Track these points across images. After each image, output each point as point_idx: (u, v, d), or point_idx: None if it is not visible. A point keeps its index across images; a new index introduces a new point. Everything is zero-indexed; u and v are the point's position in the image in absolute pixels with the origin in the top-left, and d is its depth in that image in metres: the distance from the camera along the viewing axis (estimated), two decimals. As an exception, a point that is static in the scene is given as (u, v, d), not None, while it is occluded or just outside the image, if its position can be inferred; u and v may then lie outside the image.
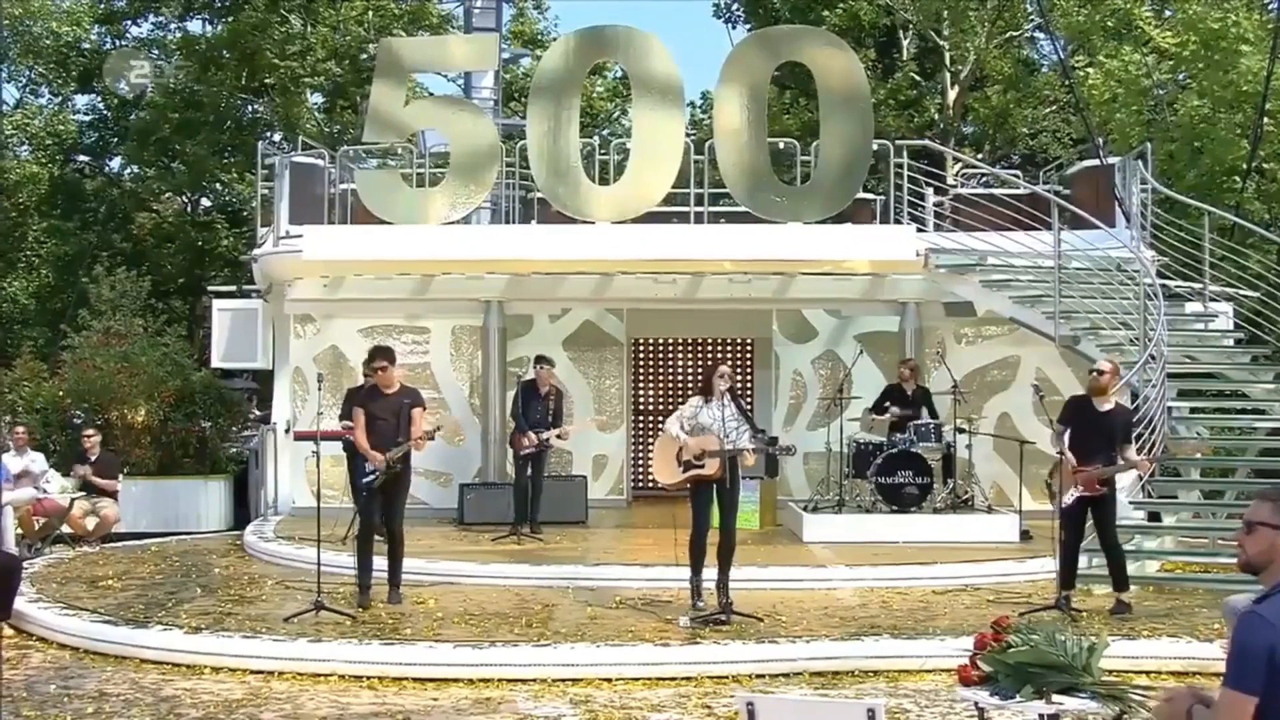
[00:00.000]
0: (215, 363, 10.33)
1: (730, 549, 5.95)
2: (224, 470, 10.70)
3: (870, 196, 10.43)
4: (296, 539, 8.30)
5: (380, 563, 6.30)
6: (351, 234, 9.08)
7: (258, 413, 12.18)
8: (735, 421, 5.76)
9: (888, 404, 8.70)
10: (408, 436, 5.91)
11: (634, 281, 9.35)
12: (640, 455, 10.90)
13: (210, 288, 11.61)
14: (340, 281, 9.81)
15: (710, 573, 5.98)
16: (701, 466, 5.74)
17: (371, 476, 5.92)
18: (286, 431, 10.00)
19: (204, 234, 17.26)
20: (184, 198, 18.40)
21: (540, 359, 8.51)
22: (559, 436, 8.36)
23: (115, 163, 19.26)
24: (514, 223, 9.89)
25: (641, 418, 11.30)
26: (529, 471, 8.37)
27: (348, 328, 10.26)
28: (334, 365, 10.21)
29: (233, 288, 11.11)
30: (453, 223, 8.96)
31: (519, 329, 10.42)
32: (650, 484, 10.54)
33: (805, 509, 8.40)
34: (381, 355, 6.07)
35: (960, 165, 13.03)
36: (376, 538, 6.25)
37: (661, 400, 11.21)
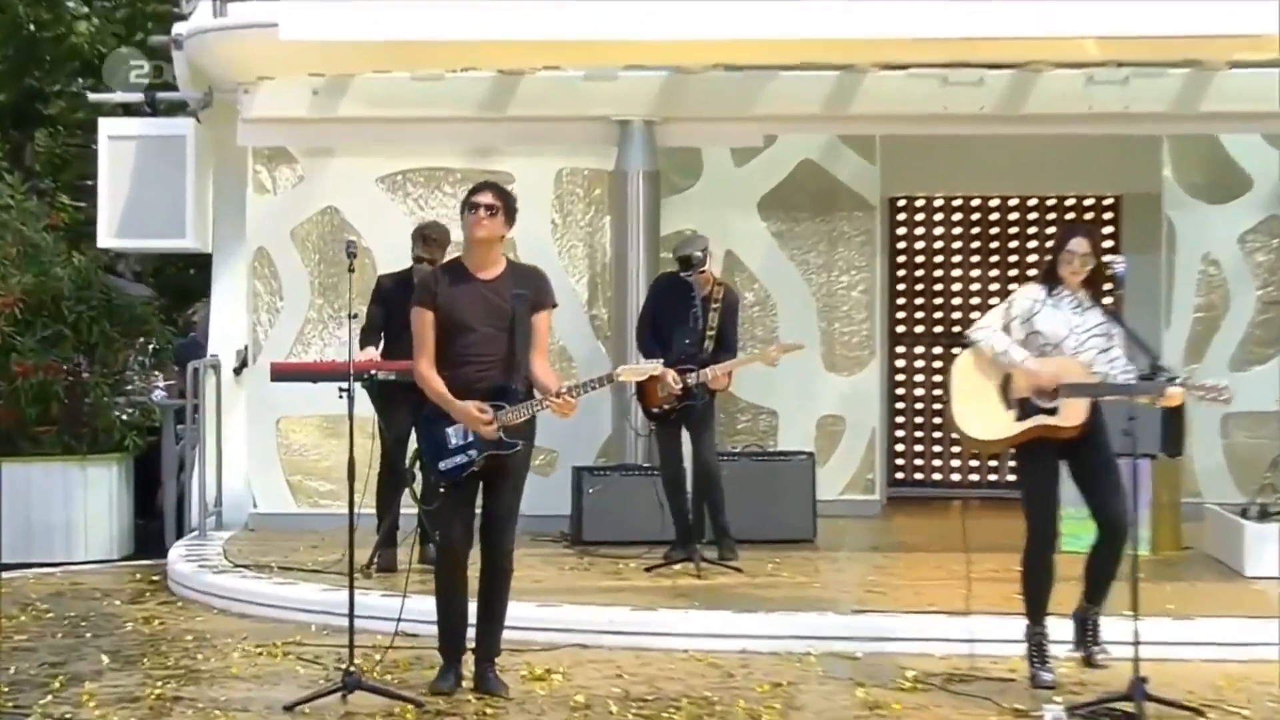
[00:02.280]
0: (105, 240, 9.63)
1: (1112, 566, 5.65)
2: (117, 447, 9.81)
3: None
4: (274, 568, 7.90)
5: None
6: (368, -3, 8.40)
7: (176, 337, 11.36)
8: (1100, 333, 5.51)
9: None
10: (521, 374, 5.20)
11: (898, 85, 8.87)
12: (906, 419, 10.94)
13: (94, 97, 10.50)
14: (344, 85, 9.15)
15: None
16: (1050, 411, 5.42)
17: (463, 458, 5.22)
18: (239, 371, 9.65)
19: (36, 8, 14.52)
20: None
21: (688, 253, 7.83)
22: (714, 379, 7.74)
23: None
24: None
25: (906, 349, 11.16)
26: (684, 443, 7.97)
27: (355, 174, 9.63)
28: (327, 243, 9.64)
29: (132, 96, 10.05)
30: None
31: (681, 176, 9.83)
32: (925, 471, 11.03)
33: (1245, 515, 7.93)
34: (485, 193, 5.40)
35: None
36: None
37: (943, 316, 11.08)
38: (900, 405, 11.11)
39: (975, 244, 11.16)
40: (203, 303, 11.59)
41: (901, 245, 11.15)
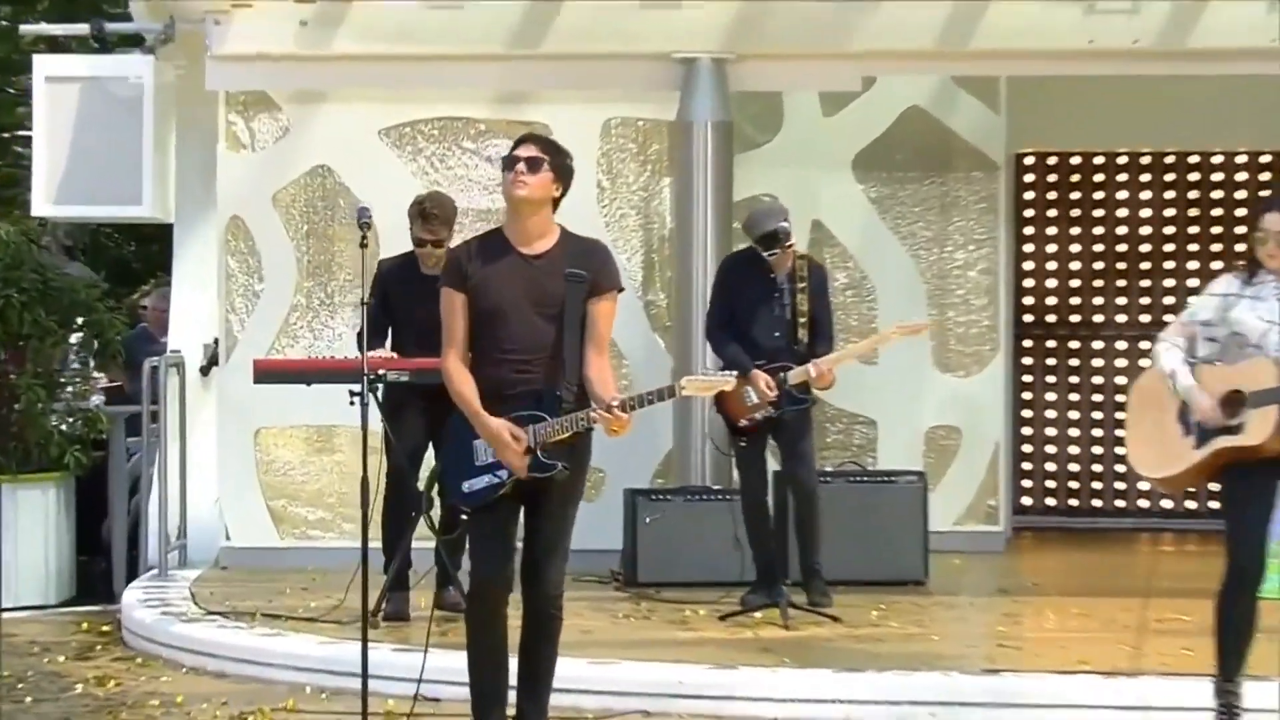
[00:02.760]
0: (41, 208, 9.45)
1: None
2: (54, 466, 9.35)
3: None
4: (256, 616, 7.92)
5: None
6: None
7: (127, 329, 10.87)
8: None
9: None
10: (572, 376, 5.30)
11: (1030, 14, 8.73)
12: (1035, 431, 10.92)
13: (26, 29, 10.66)
14: (339, 14, 8.99)
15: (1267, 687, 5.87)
16: (1233, 430, 5.54)
17: (491, 478, 5.33)
18: (207, 370, 9.72)
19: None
20: None
21: (773, 229, 7.82)
22: (820, 376, 7.81)
23: None
24: None
25: (1036, 344, 11.00)
26: (770, 461, 8.18)
27: (353, 125, 9.61)
28: (318, 212, 9.58)
29: (75, 29, 10.11)
30: None
31: (758, 128, 9.70)
32: (1059, 496, 11.06)
33: None
34: (528, 144, 5.55)
35: None
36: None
37: (1082, 302, 10.99)
38: (1028, 414, 10.97)
39: (1123, 211, 10.97)
40: (153, 285, 11.82)
41: (1030, 213, 11.01)
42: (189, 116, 9.57)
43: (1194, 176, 10.98)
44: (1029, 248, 11.05)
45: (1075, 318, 10.96)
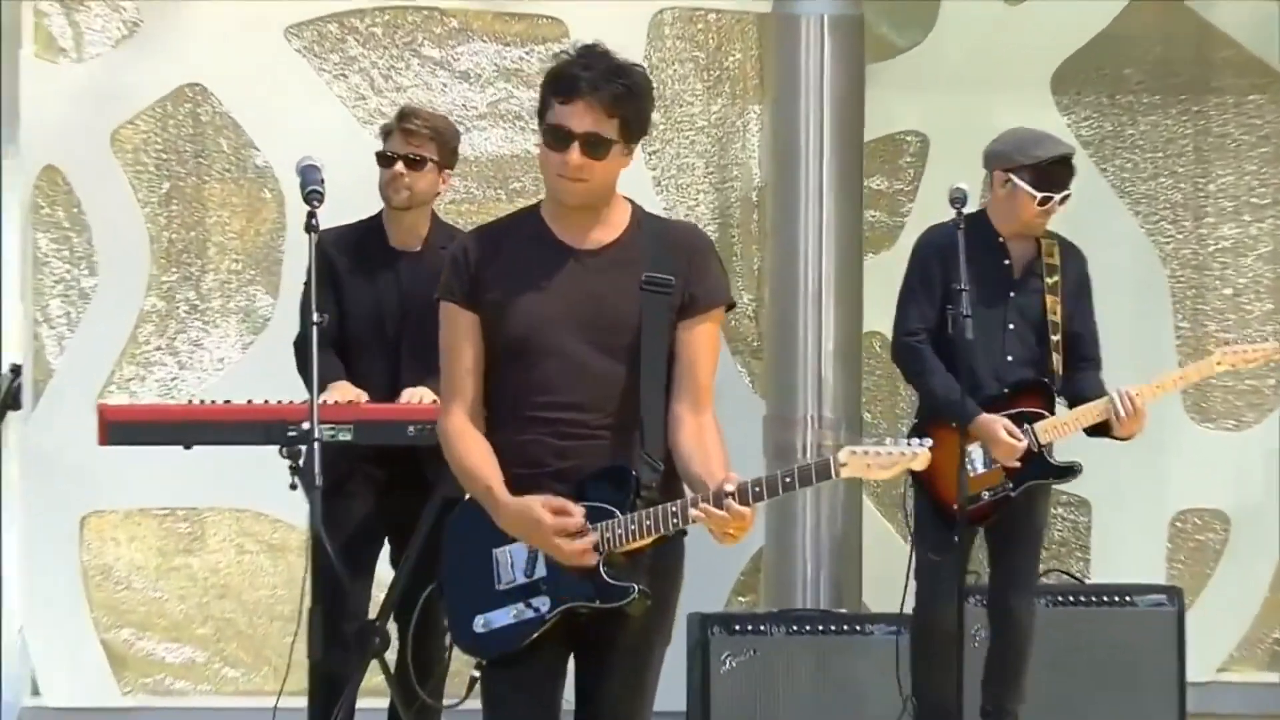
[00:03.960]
0: None
1: None
2: None
3: None
4: None
5: None
6: None
7: None
8: None
9: None
10: (655, 444, 5.02)
11: None
12: None
13: None
14: None
15: None
16: None
17: (522, 611, 5.01)
18: (0, 415, 9.09)
19: None
20: None
21: (1054, 151, 7.68)
22: (1128, 417, 7.59)
23: None
24: None
25: None
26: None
27: (242, 22, 9.05)
28: (186, 160, 9.06)
29: None
30: None
31: (898, 23, 9.23)
32: None
33: None
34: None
35: None
36: None
37: None
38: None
39: None
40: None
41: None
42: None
43: None
44: None
45: None
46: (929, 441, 4.76)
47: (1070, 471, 7.44)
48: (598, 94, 4.73)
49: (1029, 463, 7.22)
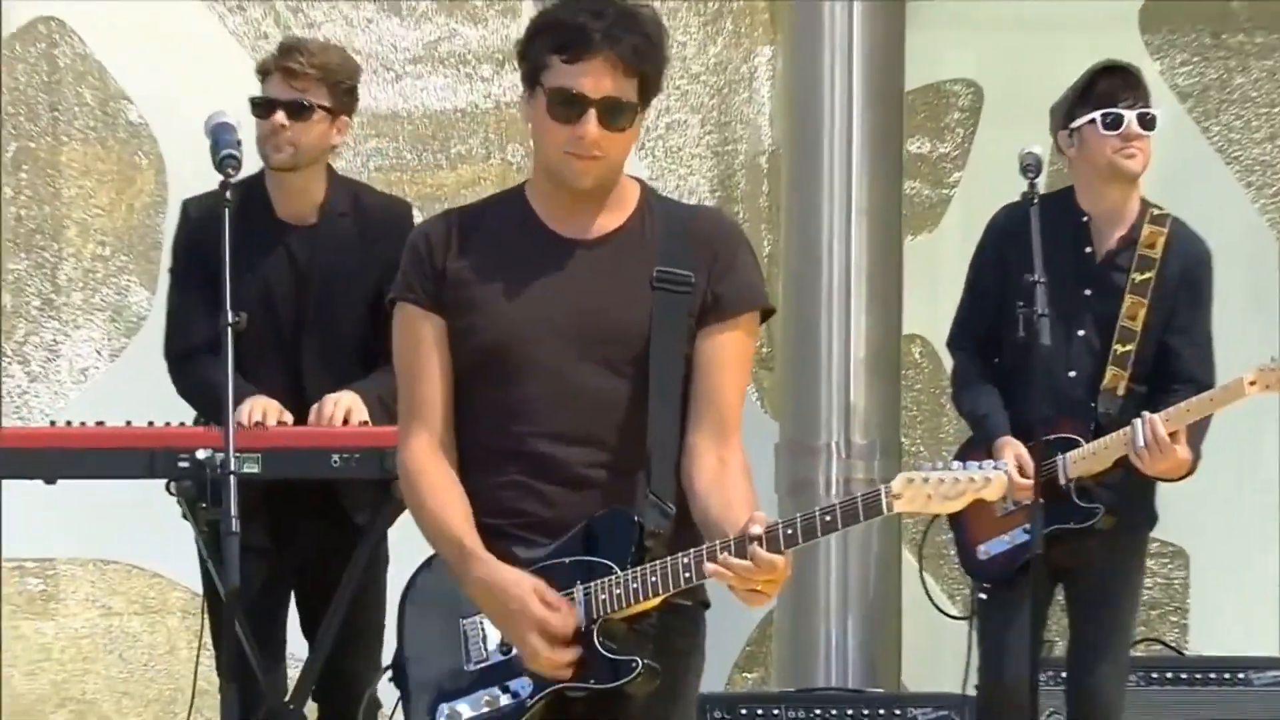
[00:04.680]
0: None
1: None
2: None
3: None
4: None
5: None
6: None
7: None
8: None
9: None
10: (665, 483, 4.75)
11: None
12: None
13: None
14: None
15: None
16: None
17: (497, 696, 4.75)
18: None
19: None
20: None
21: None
22: (1147, 446, 7.31)
23: None
24: None
25: None
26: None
27: None
28: (38, 116, 9.15)
29: None
30: None
31: None
32: None
33: None
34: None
35: None
36: None
37: None
38: None
39: None
40: None
41: None
42: None
43: None
44: None
45: None
46: (1006, 463, 4.82)
47: (1091, 514, 6.97)
48: (616, 48, 4.42)
49: (1053, 502, 6.86)
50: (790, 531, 4.13)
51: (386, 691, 5.18)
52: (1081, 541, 7.02)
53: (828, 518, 4.19)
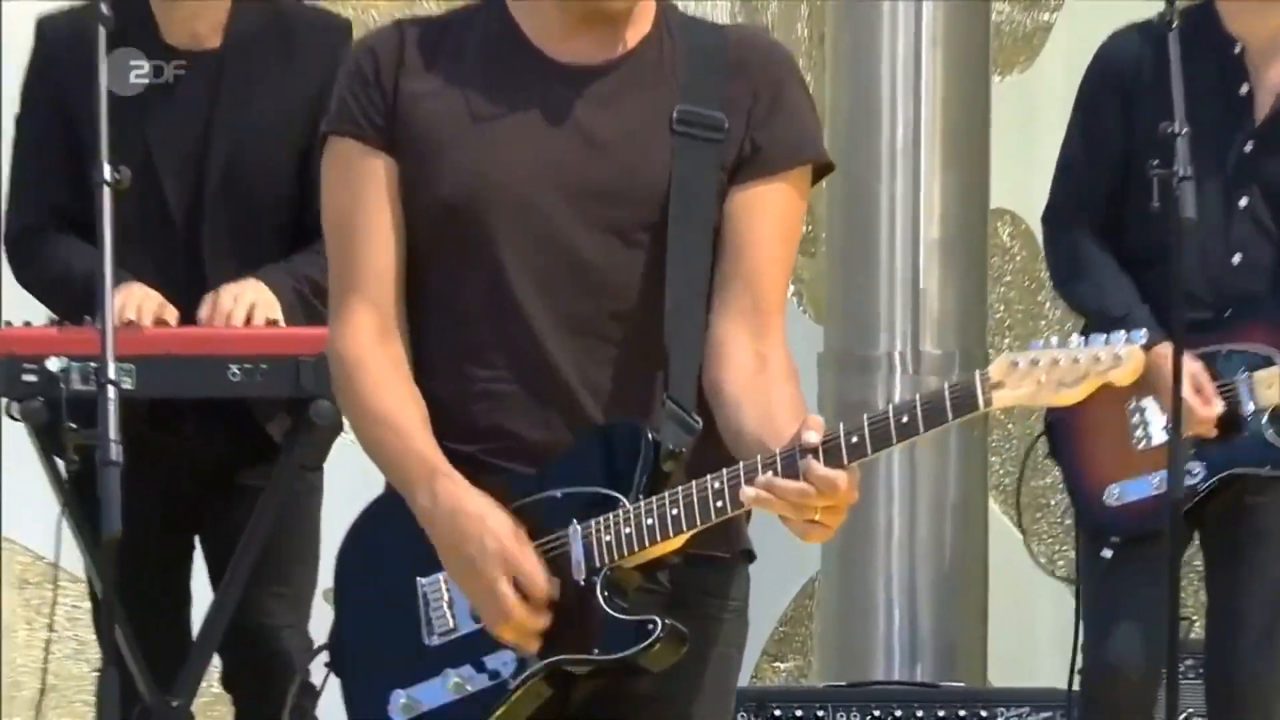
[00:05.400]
0: None
1: None
2: None
3: None
4: None
5: None
6: None
7: None
8: None
9: None
10: (686, 387, 4.87)
11: None
12: None
13: None
14: None
15: None
16: None
17: (470, 675, 4.73)
18: None
19: None
20: None
21: None
22: None
23: None
24: None
25: None
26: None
27: None
28: None
29: None
30: None
31: None
32: None
33: None
34: None
35: None
36: None
37: None
38: None
39: None
40: None
41: None
42: None
43: None
44: None
45: None
46: (1143, 333, 3.87)
47: None
48: None
49: (1237, 436, 6.51)
50: (856, 440, 3.72)
51: (323, 673, 4.60)
52: (1264, 493, 6.55)
53: (904, 419, 3.81)
